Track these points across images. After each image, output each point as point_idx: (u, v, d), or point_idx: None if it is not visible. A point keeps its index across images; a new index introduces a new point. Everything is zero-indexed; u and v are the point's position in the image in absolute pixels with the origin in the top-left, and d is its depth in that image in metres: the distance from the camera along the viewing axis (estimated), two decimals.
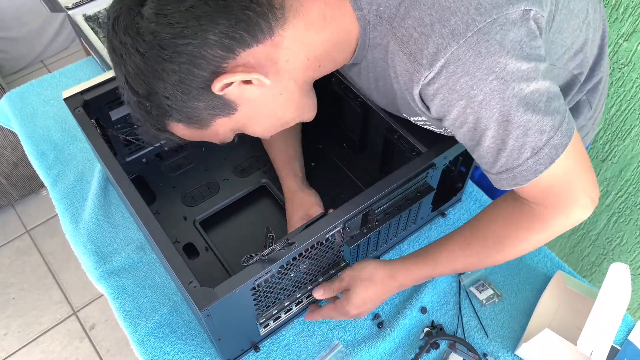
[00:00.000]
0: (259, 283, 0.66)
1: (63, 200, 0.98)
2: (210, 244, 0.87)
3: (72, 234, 0.93)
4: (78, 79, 1.18)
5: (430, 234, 0.92)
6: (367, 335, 0.81)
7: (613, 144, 1.06)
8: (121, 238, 0.92)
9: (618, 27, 0.93)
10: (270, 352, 0.80)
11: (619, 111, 1.02)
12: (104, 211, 0.95)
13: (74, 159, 1.04)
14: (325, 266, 0.77)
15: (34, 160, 1.05)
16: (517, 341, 0.80)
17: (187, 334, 0.81)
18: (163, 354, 0.79)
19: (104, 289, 0.87)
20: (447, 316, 0.83)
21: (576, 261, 1.33)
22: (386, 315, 0.83)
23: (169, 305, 0.84)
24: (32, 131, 1.08)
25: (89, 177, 1.00)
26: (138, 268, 0.89)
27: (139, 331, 0.82)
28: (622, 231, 1.15)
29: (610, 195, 1.13)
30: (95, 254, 0.90)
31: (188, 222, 0.89)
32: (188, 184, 0.94)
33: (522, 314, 0.83)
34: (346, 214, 0.69)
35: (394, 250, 0.90)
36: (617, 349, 0.78)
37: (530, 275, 0.87)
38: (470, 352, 0.79)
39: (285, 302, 0.76)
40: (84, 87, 0.85)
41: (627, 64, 0.95)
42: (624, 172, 1.07)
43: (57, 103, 1.13)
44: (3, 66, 2.34)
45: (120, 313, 0.84)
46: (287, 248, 0.65)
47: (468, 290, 0.86)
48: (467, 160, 0.86)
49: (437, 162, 0.75)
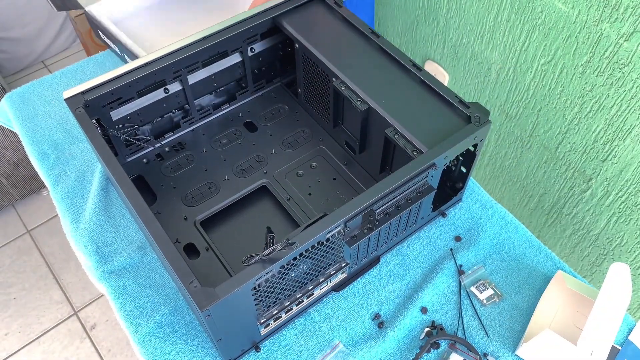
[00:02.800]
0: (260, 283, 0.66)
1: (64, 201, 0.98)
2: (211, 244, 0.87)
3: (72, 234, 0.93)
4: (79, 79, 1.18)
5: (431, 234, 0.92)
6: (367, 335, 0.81)
7: (613, 144, 1.06)
8: (122, 238, 0.92)
9: (618, 27, 0.93)
10: (271, 352, 0.80)
11: (619, 111, 1.02)
12: (104, 211, 0.95)
13: (75, 159, 1.04)
14: (326, 266, 0.77)
15: (35, 160, 1.05)
16: (517, 341, 0.81)
17: (187, 334, 0.82)
18: (164, 354, 0.79)
19: (105, 289, 0.87)
20: (448, 316, 0.83)
21: (576, 261, 1.33)
22: (386, 315, 0.83)
23: (169, 305, 0.85)
24: (33, 131, 1.09)
25: (89, 177, 1.00)
26: (139, 268, 0.89)
27: (139, 331, 0.82)
28: (623, 231, 1.15)
29: (610, 195, 1.13)
30: (96, 254, 0.90)
31: (188, 222, 0.90)
32: (188, 184, 0.94)
33: (522, 314, 0.83)
34: (347, 214, 0.69)
35: (395, 250, 0.90)
36: (618, 349, 0.78)
37: (531, 275, 0.88)
38: (471, 352, 0.79)
39: (286, 302, 0.76)
40: (84, 87, 0.85)
41: (627, 64, 0.95)
42: (624, 172, 1.07)
43: (58, 103, 1.13)
44: (4, 66, 2.34)
45: (121, 313, 0.84)
46: (288, 248, 0.65)
47: (468, 290, 0.86)
48: (467, 160, 0.86)
49: (437, 162, 0.75)
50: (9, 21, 2.21)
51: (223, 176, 0.96)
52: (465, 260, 0.89)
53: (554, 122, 1.17)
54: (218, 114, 1.05)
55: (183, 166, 0.97)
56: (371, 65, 0.89)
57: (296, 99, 1.07)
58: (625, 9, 0.91)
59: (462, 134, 0.77)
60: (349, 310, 0.84)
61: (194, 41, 0.91)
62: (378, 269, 0.88)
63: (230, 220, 0.91)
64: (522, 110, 1.25)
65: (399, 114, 0.82)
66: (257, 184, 0.94)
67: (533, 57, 1.14)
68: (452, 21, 1.31)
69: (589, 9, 0.97)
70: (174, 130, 1.01)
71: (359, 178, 0.95)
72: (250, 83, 1.05)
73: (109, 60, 1.23)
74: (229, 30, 0.93)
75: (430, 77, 0.85)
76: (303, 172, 0.96)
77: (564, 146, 1.18)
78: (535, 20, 1.09)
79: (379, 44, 0.90)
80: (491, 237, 0.91)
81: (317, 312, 0.84)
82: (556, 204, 1.29)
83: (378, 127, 0.85)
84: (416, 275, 0.88)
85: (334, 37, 0.93)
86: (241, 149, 0.99)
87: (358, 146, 0.93)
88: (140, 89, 0.90)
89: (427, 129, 0.80)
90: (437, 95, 0.84)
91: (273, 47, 1.03)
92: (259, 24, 0.96)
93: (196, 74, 0.96)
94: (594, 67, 1.02)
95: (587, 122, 1.09)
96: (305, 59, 0.96)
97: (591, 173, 1.15)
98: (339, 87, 0.87)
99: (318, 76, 0.95)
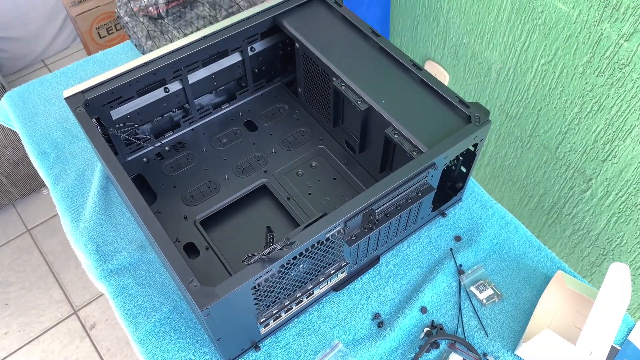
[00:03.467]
0: (260, 282, 0.66)
1: (64, 200, 0.98)
2: (211, 243, 0.87)
3: (72, 233, 0.93)
4: (79, 78, 1.18)
5: (431, 234, 0.92)
6: (367, 335, 0.81)
7: (613, 144, 1.06)
8: (122, 237, 0.92)
9: (618, 27, 0.93)
10: (271, 352, 0.80)
11: (619, 111, 1.02)
12: (104, 210, 0.95)
13: (75, 158, 1.04)
14: (326, 266, 0.77)
15: (35, 159, 1.05)
16: (517, 341, 0.81)
17: (187, 333, 0.82)
18: (163, 353, 0.79)
19: (105, 288, 0.87)
20: (447, 316, 0.83)
21: (576, 261, 1.33)
22: (386, 314, 0.83)
23: (169, 305, 0.85)
24: (33, 130, 1.09)
25: (89, 176, 1.00)
26: (138, 267, 0.89)
27: (139, 330, 0.82)
28: (622, 231, 1.15)
29: (610, 195, 1.13)
30: (95, 253, 0.90)
31: (188, 222, 0.89)
32: (188, 184, 0.94)
33: (522, 314, 0.83)
34: (346, 214, 0.69)
35: (394, 250, 0.90)
36: (617, 349, 0.78)
37: (531, 275, 0.88)
38: (470, 352, 0.79)
39: (286, 301, 0.76)
40: (84, 86, 0.85)
41: (627, 64, 0.95)
42: (624, 172, 1.07)
43: (58, 102, 1.13)
44: (4, 66, 2.34)
45: (121, 312, 0.84)
46: (288, 247, 0.65)
47: (468, 290, 0.86)
48: (467, 160, 0.86)
49: (437, 162, 0.75)
50: (9, 21, 2.21)
51: (223, 175, 0.96)
52: (465, 260, 0.89)
53: (554, 122, 1.17)
54: (218, 113, 1.05)
55: (183, 165, 0.97)
56: (371, 64, 0.89)
57: (296, 98, 1.07)
58: (626, 9, 0.91)
59: (462, 134, 0.77)
60: (349, 310, 0.84)
61: (194, 40, 0.91)
62: (378, 269, 0.88)
63: (230, 220, 0.91)
64: (522, 110, 1.25)
65: (399, 113, 0.82)
66: (257, 184, 0.94)
67: (533, 57, 1.14)
68: (453, 21, 1.31)
69: (589, 9, 0.97)
70: (174, 129, 1.01)
71: (359, 178, 0.95)
72: (250, 82, 1.05)
73: (109, 59, 1.23)
74: (229, 30, 0.93)
75: (431, 77, 0.85)
76: (303, 171, 0.96)
77: (564, 146, 1.18)
78: (536, 20, 1.09)
79: (379, 43, 0.90)
80: (491, 237, 0.91)
81: (317, 312, 0.84)
82: (556, 204, 1.29)
83: (378, 126, 0.85)
84: (416, 275, 0.88)
85: (334, 36, 0.93)
86: (241, 149, 0.99)
87: (358, 146, 0.93)
88: (140, 88, 0.90)
89: (427, 129, 0.80)
90: (437, 95, 0.84)
91: (273, 46, 1.03)
92: (259, 24, 0.96)
93: (196, 74, 0.96)
94: (594, 67, 1.02)
95: (587, 122, 1.09)
96: (306, 59, 0.96)
97: (591, 173, 1.15)
98: (339, 87, 0.87)
99: (318, 76, 0.95)
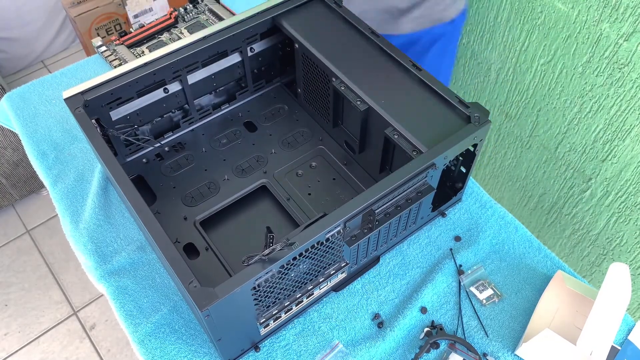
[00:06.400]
0: (259, 283, 0.66)
1: (63, 200, 0.98)
2: (211, 244, 0.87)
3: (72, 234, 0.93)
4: (78, 79, 1.18)
5: (431, 234, 0.92)
6: (367, 335, 0.81)
7: (613, 144, 1.06)
8: (121, 238, 0.92)
9: (618, 27, 0.93)
10: (271, 352, 0.80)
11: (619, 111, 1.02)
12: (104, 211, 0.95)
13: (75, 159, 1.04)
14: (326, 266, 0.77)
15: (34, 160, 1.05)
16: (517, 341, 0.81)
17: (187, 334, 0.82)
18: (163, 354, 0.79)
19: (104, 289, 0.87)
20: (447, 316, 0.83)
21: (576, 261, 1.33)
22: (386, 315, 0.83)
23: (169, 305, 0.84)
24: (33, 131, 1.08)
25: (89, 177, 1.00)
26: (138, 268, 0.89)
27: (139, 331, 0.82)
28: (622, 231, 1.15)
29: (610, 195, 1.13)
30: (95, 254, 0.90)
31: (188, 222, 0.89)
32: (188, 184, 0.94)
33: (522, 314, 0.83)
34: (346, 214, 0.69)
35: (394, 250, 0.90)
36: (617, 349, 0.78)
37: (530, 275, 0.88)
38: (470, 352, 0.79)
39: (286, 302, 0.76)
40: (84, 87, 0.85)
41: (627, 64, 0.95)
42: (624, 172, 1.07)
43: (57, 103, 1.13)
44: (4, 66, 2.34)
45: (121, 313, 0.84)
46: (288, 248, 0.65)
47: (468, 290, 0.86)
48: (466, 160, 0.86)
49: (437, 162, 0.75)
50: (9, 21, 2.21)
51: (223, 176, 0.95)
52: (465, 260, 0.89)
53: (553, 122, 1.17)
54: (218, 113, 1.05)
55: (183, 166, 0.97)
56: (371, 65, 0.89)
57: (296, 99, 1.07)
58: (625, 9, 0.91)
59: (462, 134, 0.77)
60: (349, 310, 0.84)
61: (194, 41, 0.91)
62: (378, 269, 0.88)
63: (230, 220, 0.91)
64: (521, 110, 1.25)
65: (399, 114, 0.82)
66: (257, 184, 0.94)
67: (533, 57, 1.14)
68: None
69: (588, 9, 0.97)
70: (173, 130, 1.01)
71: (359, 178, 0.95)
72: (250, 83, 1.05)
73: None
74: (228, 30, 0.93)
75: (430, 77, 0.85)
76: (303, 172, 0.96)
77: (563, 146, 1.18)
78: (535, 21, 1.09)
79: (379, 44, 0.90)
80: (491, 237, 0.91)
81: (317, 312, 0.84)
82: (556, 204, 1.29)
83: (378, 127, 0.85)
84: (416, 275, 0.88)
85: (334, 37, 0.93)
86: (241, 149, 0.99)
87: (358, 146, 0.93)
88: (139, 89, 0.90)
89: (427, 129, 0.80)
90: (437, 95, 0.84)
91: (273, 47, 1.03)
92: (258, 24, 0.96)
93: (196, 74, 0.96)
94: (593, 67, 1.02)
95: (586, 122, 1.09)
96: (305, 59, 0.96)
97: (591, 173, 1.15)
98: (339, 87, 0.87)
99: (318, 76, 0.95)
